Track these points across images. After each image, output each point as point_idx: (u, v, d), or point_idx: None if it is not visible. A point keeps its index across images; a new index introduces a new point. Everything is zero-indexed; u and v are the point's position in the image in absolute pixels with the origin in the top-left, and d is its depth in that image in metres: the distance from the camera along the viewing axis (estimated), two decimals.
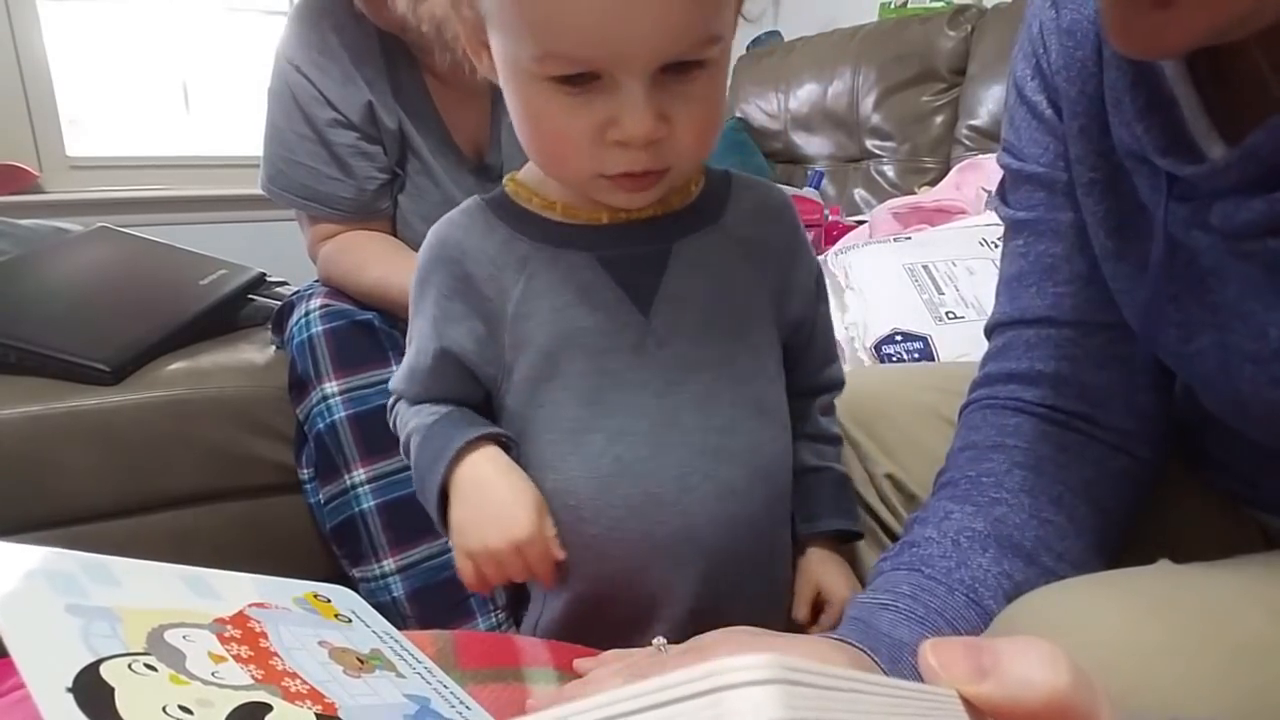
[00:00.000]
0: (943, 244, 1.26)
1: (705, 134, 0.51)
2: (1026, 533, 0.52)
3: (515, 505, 0.56)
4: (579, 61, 0.46)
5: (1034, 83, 0.55)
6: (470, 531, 0.57)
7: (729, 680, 0.15)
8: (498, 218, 0.59)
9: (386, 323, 1.02)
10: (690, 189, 0.60)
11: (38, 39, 2.09)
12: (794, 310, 0.63)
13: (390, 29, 0.99)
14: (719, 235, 0.59)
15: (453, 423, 0.59)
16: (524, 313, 0.57)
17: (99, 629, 0.33)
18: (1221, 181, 0.42)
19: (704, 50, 0.47)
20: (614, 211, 0.56)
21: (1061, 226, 0.56)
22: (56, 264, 1.25)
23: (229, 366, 1.14)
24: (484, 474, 0.57)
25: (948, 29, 1.94)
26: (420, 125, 1.05)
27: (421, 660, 0.48)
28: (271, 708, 0.34)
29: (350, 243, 1.06)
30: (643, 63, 0.46)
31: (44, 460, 1.01)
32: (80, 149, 2.22)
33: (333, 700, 0.37)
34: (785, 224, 0.63)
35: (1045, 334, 0.57)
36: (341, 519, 1.00)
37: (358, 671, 0.41)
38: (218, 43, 2.40)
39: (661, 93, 0.48)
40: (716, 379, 0.58)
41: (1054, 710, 0.21)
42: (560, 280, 0.56)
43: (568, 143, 0.50)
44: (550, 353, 0.57)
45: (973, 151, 1.81)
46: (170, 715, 0.31)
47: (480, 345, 0.58)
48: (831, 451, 0.68)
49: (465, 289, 0.58)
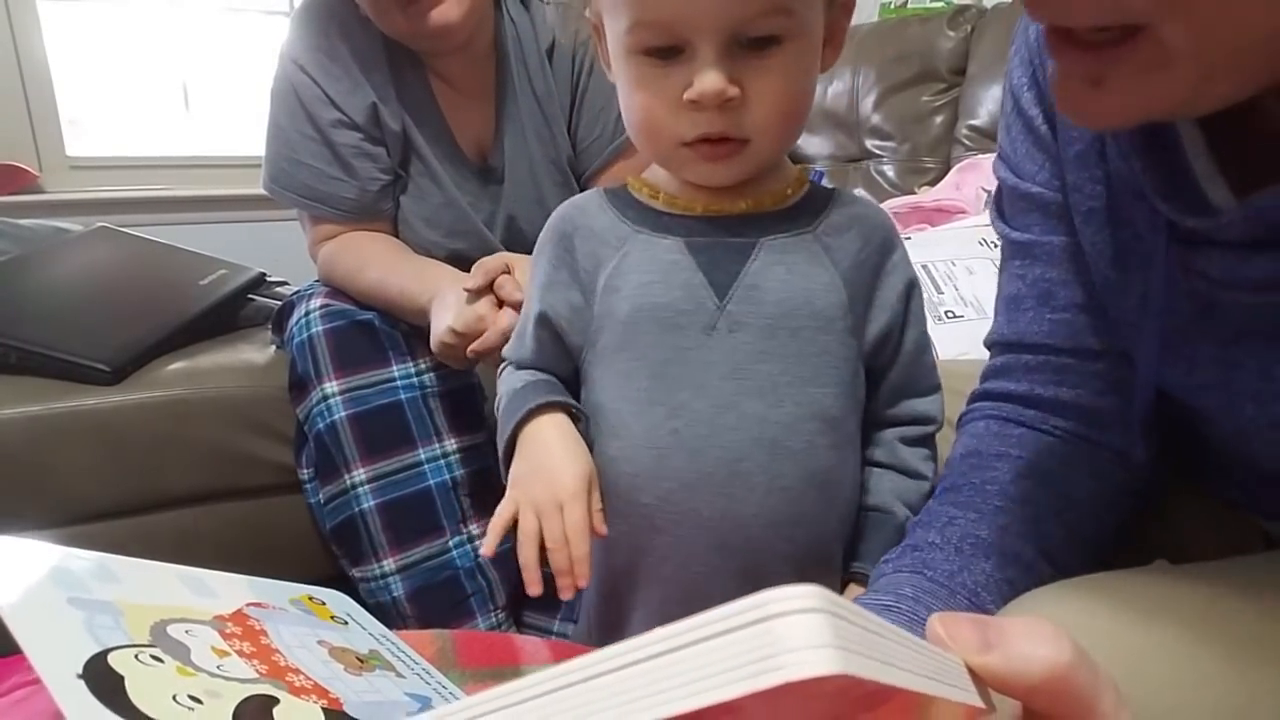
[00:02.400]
0: (942, 244, 1.26)
1: (781, 111, 0.55)
2: (1028, 543, 0.52)
3: (565, 468, 0.60)
4: (658, 27, 0.52)
5: (1030, 93, 0.53)
6: (522, 484, 0.61)
7: (778, 609, 0.15)
8: (610, 203, 0.64)
9: (387, 323, 1.02)
10: (786, 193, 0.62)
11: (38, 39, 2.09)
12: (875, 326, 0.63)
13: (395, 35, 0.99)
14: (808, 240, 0.61)
15: (534, 388, 0.64)
16: (613, 285, 0.62)
17: (102, 621, 0.33)
18: (1225, 235, 0.41)
19: (773, 22, 0.52)
20: (708, 203, 0.61)
21: (1056, 250, 0.54)
22: (56, 264, 1.25)
23: (229, 366, 1.14)
24: (546, 435, 0.62)
25: (948, 29, 1.94)
26: (424, 127, 1.05)
27: (419, 661, 0.48)
28: (279, 700, 0.34)
29: (350, 243, 1.06)
30: (712, 28, 0.51)
31: (44, 460, 1.02)
32: (80, 149, 2.22)
33: (337, 696, 0.37)
34: (877, 242, 0.63)
35: (1043, 360, 0.57)
36: (341, 519, 1.00)
37: (359, 670, 0.41)
38: (218, 43, 2.40)
39: (736, 63, 0.52)
40: (783, 374, 0.59)
41: (1054, 684, 0.22)
42: (649, 260, 0.61)
43: (654, 110, 0.55)
44: (629, 324, 0.61)
45: (973, 151, 1.81)
46: (181, 704, 0.31)
47: (574, 313, 0.64)
48: (909, 489, 0.65)
49: (570, 261, 0.64)
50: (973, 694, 0.22)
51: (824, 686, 0.15)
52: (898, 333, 0.63)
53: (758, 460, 0.59)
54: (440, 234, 1.08)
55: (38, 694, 0.84)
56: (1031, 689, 0.22)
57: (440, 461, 1.02)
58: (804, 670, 0.15)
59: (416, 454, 1.01)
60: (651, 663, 0.16)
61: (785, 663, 0.15)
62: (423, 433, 1.02)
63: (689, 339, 0.59)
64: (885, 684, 0.16)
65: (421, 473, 1.01)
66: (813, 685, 0.15)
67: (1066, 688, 0.22)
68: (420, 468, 1.01)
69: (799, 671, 0.14)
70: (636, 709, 0.15)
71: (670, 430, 0.59)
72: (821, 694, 0.16)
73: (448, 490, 1.02)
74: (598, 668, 0.16)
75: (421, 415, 1.02)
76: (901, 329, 0.63)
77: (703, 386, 0.59)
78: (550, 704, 0.17)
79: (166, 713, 0.30)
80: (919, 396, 0.66)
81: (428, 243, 1.08)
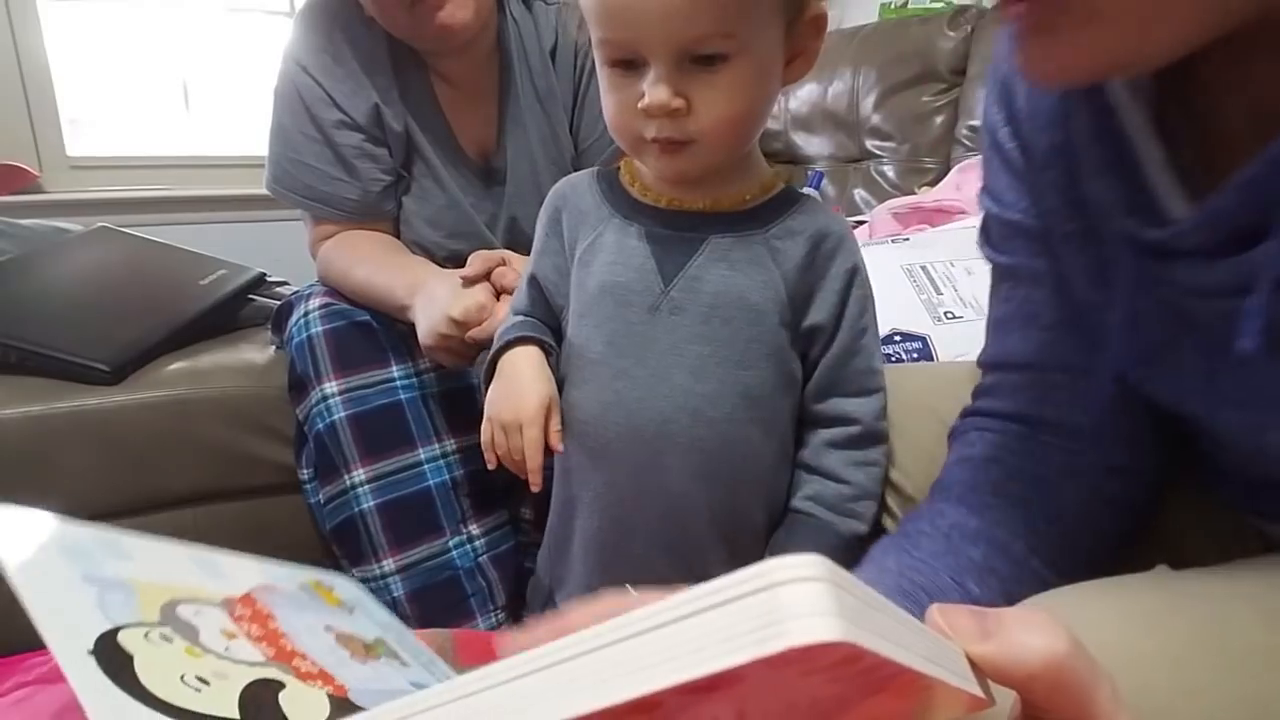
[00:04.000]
0: (941, 244, 1.26)
1: (725, 120, 0.62)
2: (1018, 540, 0.53)
3: (529, 393, 0.70)
4: (619, 45, 0.60)
5: (1005, 129, 0.54)
6: (493, 402, 0.73)
7: (781, 577, 0.16)
8: (597, 184, 0.74)
9: (386, 322, 1.02)
10: (744, 198, 0.69)
11: (38, 39, 2.09)
12: (810, 322, 0.69)
13: (400, 35, 0.99)
14: (756, 242, 0.68)
15: (518, 326, 0.75)
16: (585, 260, 0.72)
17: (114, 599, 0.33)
18: (1184, 244, 0.41)
19: (718, 43, 0.58)
20: (671, 198, 0.69)
21: (1040, 273, 0.55)
22: (56, 264, 1.25)
23: (229, 366, 1.14)
24: (517, 364, 0.73)
25: (948, 29, 1.94)
26: (426, 128, 1.05)
27: (424, 651, 0.48)
28: (284, 685, 0.34)
29: (345, 242, 1.06)
30: (662, 48, 0.58)
31: (44, 460, 1.02)
32: (80, 149, 2.22)
33: (343, 683, 0.37)
34: (826, 249, 0.68)
35: (1031, 378, 0.57)
36: (341, 519, 1.00)
37: (364, 658, 0.41)
38: (218, 43, 2.40)
39: (685, 77, 0.60)
40: (712, 355, 0.67)
41: (1051, 674, 0.22)
42: (616, 242, 0.70)
43: (620, 112, 0.63)
44: (594, 295, 0.71)
45: (973, 152, 1.81)
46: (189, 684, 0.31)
47: (559, 277, 0.75)
48: (829, 495, 0.69)
49: (559, 231, 0.75)
50: (973, 683, 0.22)
51: (826, 656, 0.15)
52: (831, 331, 0.69)
53: (681, 424, 0.68)
54: (442, 235, 1.08)
55: (38, 694, 0.85)
56: (1029, 678, 0.22)
57: (440, 461, 1.02)
58: (808, 635, 0.15)
59: (416, 454, 1.01)
60: (658, 631, 0.16)
61: (790, 629, 0.15)
62: (422, 433, 1.02)
63: (636, 316, 0.69)
64: (887, 660, 0.16)
65: (421, 473, 1.01)
66: (815, 654, 0.15)
67: (1064, 677, 0.22)
68: (420, 468, 1.01)
69: (803, 637, 0.15)
70: (646, 678, 0.15)
71: (614, 390, 0.69)
72: (823, 666, 0.16)
73: (448, 490, 1.02)
74: (607, 638, 0.16)
75: (421, 415, 1.02)
76: (835, 329, 0.69)
77: (643, 357, 0.69)
78: (562, 674, 0.17)
79: (174, 693, 0.30)
80: (848, 396, 0.70)
81: (429, 243, 1.08)
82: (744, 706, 0.17)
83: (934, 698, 0.22)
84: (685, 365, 0.68)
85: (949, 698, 0.22)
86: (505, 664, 0.18)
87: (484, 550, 1.04)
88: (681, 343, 0.68)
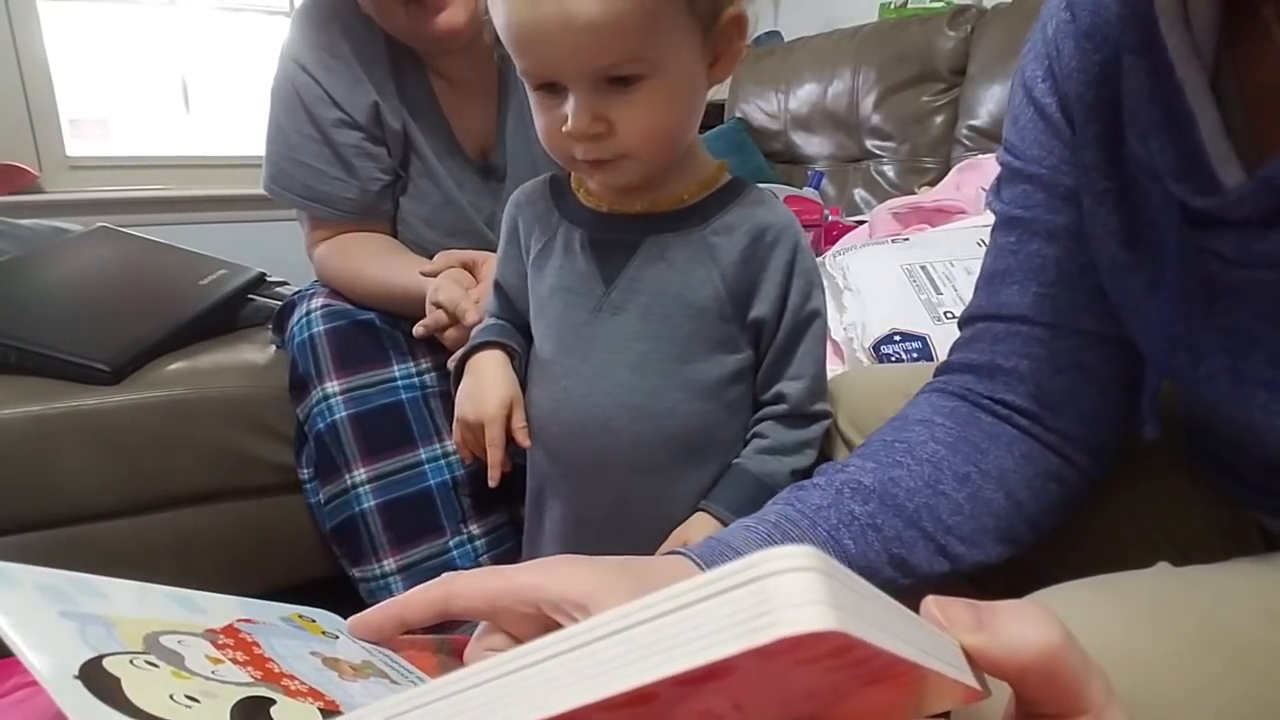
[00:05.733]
0: (941, 244, 1.26)
1: (649, 135, 0.63)
2: (915, 498, 0.53)
3: (490, 394, 0.75)
4: (534, 74, 0.61)
5: (1044, 85, 0.54)
6: (460, 403, 0.77)
7: (772, 568, 0.15)
8: (550, 189, 0.76)
9: (387, 323, 1.02)
10: (683, 197, 0.70)
11: (38, 39, 2.09)
12: (754, 314, 0.70)
13: (398, 35, 0.99)
14: (694, 239, 0.69)
15: (486, 330, 0.79)
16: (539, 264, 0.75)
17: (95, 631, 0.33)
18: (1236, 212, 0.41)
19: (632, 67, 0.59)
20: (612, 204, 0.71)
21: (1057, 229, 0.55)
22: (56, 264, 1.25)
23: (229, 366, 1.14)
24: (483, 367, 0.77)
25: (948, 29, 1.94)
26: (425, 127, 1.05)
27: (413, 670, 0.48)
28: (275, 701, 0.34)
29: (347, 244, 1.06)
30: (574, 75, 0.60)
31: (44, 460, 1.02)
32: (80, 149, 2.22)
33: (334, 699, 0.37)
34: (766, 242, 0.69)
35: (1015, 330, 0.57)
36: (342, 519, 1.00)
37: (354, 677, 0.41)
38: (218, 43, 2.40)
39: (604, 99, 0.60)
40: (652, 351, 0.70)
41: (1045, 665, 0.22)
42: (563, 247, 0.73)
43: (549, 133, 0.64)
44: (544, 298, 0.74)
45: (973, 151, 1.81)
46: (179, 702, 0.31)
47: (519, 281, 0.78)
48: (750, 449, 0.73)
49: (516, 238, 0.77)
50: (968, 674, 0.22)
51: (819, 646, 0.15)
52: (774, 324, 0.71)
53: (623, 420, 0.71)
54: (440, 234, 1.08)
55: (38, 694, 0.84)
56: (1023, 669, 0.22)
57: (441, 461, 1.02)
58: (800, 625, 0.15)
59: (417, 454, 1.01)
60: (652, 624, 0.16)
61: (781, 619, 0.15)
62: (423, 433, 1.02)
63: (580, 317, 0.72)
64: (880, 650, 0.16)
65: (422, 473, 1.01)
66: (807, 643, 0.15)
67: (1057, 669, 0.22)
68: (421, 468, 1.01)
69: (795, 627, 0.15)
70: (640, 670, 0.15)
71: (562, 388, 0.73)
72: (817, 657, 0.16)
73: (448, 490, 1.02)
74: (602, 631, 0.16)
75: (422, 415, 1.02)
76: (778, 321, 0.70)
77: (587, 356, 0.71)
78: (555, 667, 0.17)
79: (165, 709, 0.30)
80: (785, 380, 0.73)
81: (427, 243, 1.08)
82: (739, 698, 0.17)
83: (929, 689, 0.22)
84: (626, 363, 0.70)
85: (944, 689, 0.22)
86: (500, 658, 0.18)
87: (485, 550, 1.04)
88: (622, 341, 0.70)
